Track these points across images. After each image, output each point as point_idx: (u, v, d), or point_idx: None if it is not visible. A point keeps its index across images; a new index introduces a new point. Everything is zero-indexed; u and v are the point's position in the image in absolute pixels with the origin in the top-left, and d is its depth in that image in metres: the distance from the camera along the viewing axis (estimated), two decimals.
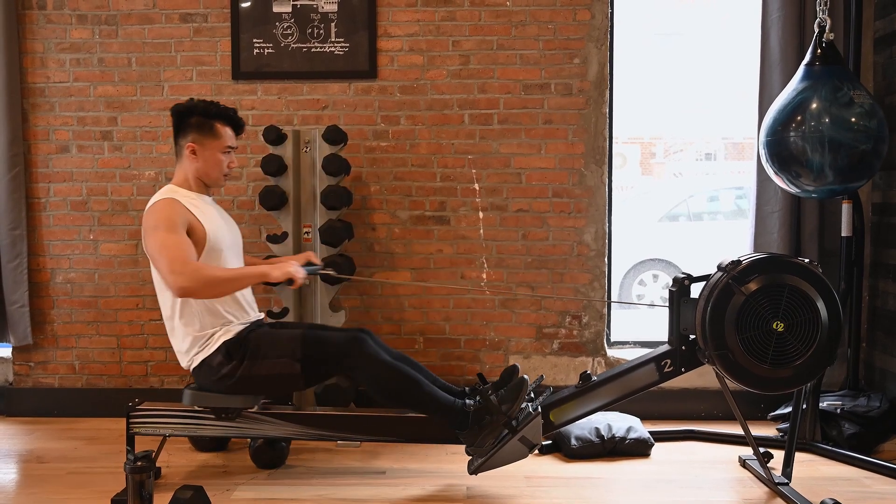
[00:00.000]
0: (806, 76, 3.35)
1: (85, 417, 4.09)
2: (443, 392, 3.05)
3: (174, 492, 2.76)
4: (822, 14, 3.33)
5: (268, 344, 3.02)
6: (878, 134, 3.25)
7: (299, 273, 3.07)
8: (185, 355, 3.06)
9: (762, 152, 3.44)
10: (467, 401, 3.03)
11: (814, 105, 3.26)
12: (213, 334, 3.01)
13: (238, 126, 3.19)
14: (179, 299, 2.98)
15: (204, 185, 3.16)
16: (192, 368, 3.07)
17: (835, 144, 3.21)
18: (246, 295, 3.19)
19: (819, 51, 3.34)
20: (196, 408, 3.09)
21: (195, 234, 2.99)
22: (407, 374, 3.00)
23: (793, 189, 3.42)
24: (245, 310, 3.14)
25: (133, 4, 4.04)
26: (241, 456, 3.52)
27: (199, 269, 2.89)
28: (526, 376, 3.01)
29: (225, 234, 3.13)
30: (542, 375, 3.25)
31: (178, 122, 3.12)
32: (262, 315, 3.30)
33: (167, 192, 3.07)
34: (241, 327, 3.07)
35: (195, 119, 3.09)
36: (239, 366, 2.98)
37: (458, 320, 4.07)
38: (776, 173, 3.41)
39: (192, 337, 3.01)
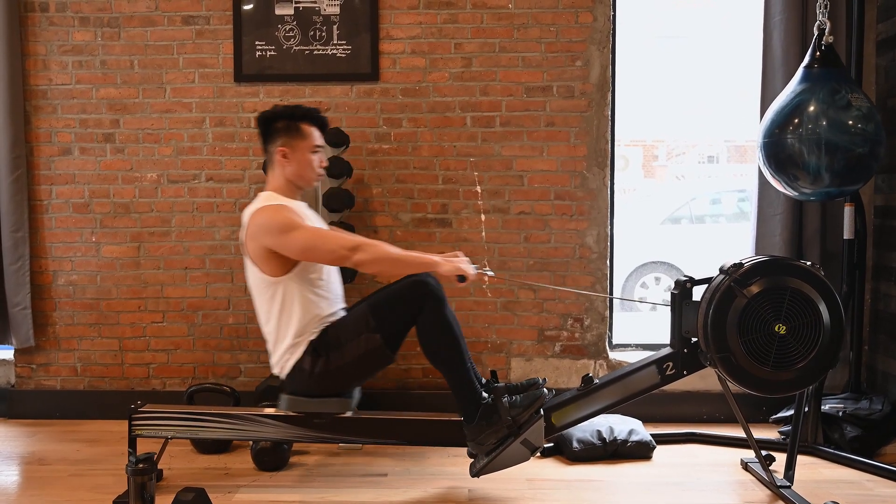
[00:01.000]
0: (804, 78, 3.35)
1: (87, 419, 4.09)
2: (475, 378, 3.03)
3: (176, 494, 2.77)
4: (822, 17, 3.33)
5: (342, 330, 3.00)
6: (875, 137, 3.25)
7: (470, 269, 3.05)
8: (279, 360, 3.05)
9: (759, 154, 3.44)
10: (484, 393, 3.02)
11: (811, 107, 3.26)
12: (304, 337, 3.00)
13: (323, 125, 3.18)
14: (275, 303, 2.98)
15: (296, 191, 3.13)
16: (284, 375, 3.05)
17: (832, 147, 3.21)
18: (339, 293, 3.19)
19: (818, 53, 3.34)
20: (187, 409, 3.09)
21: None
22: (457, 336, 2.98)
23: (790, 192, 3.42)
24: (335, 311, 3.13)
25: (135, 7, 4.05)
26: (242, 458, 3.52)
27: (370, 244, 2.97)
28: (546, 391, 3.01)
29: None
30: (544, 378, 3.24)
31: (265, 130, 3.10)
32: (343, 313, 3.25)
33: (269, 198, 3.04)
34: (323, 326, 3.05)
35: (282, 123, 3.08)
36: (327, 360, 2.97)
37: (459, 322, 4.04)
38: (773, 175, 3.41)
39: (290, 340, 3.00)
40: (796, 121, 3.27)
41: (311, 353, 2.98)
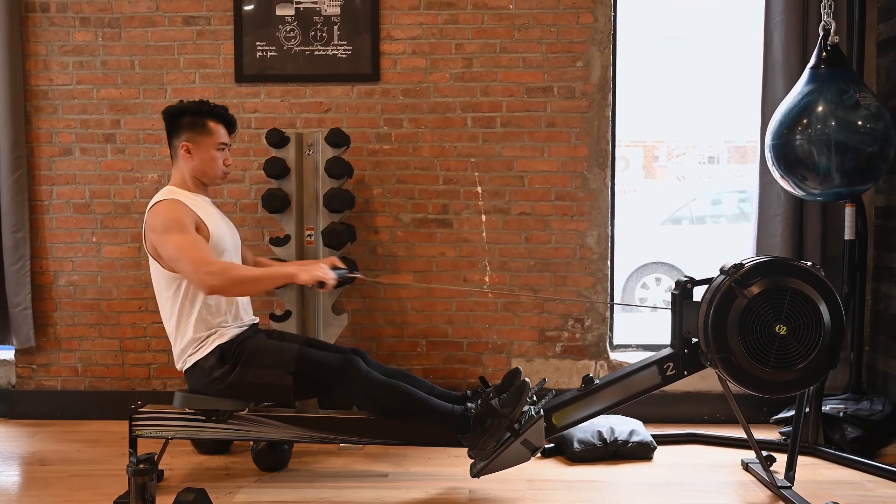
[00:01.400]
0: (811, 79, 3.34)
1: (87, 420, 4.09)
2: (439, 400, 3.05)
3: (176, 494, 2.77)
4: (827, 17, 3.33)
5: (262, 353, 3.03)
6: (885, 136, 3.24)
7: (329, 276, 3.06)
8: (180, 357, 3.07)
9: (768, 156, 3.44)
10: (469, 404, 3.03)
11: (820, 108, 3.26)
12: (208, 337, 3.02)
13: (230, 123, 3.22)
14: (178, 302, 3.00)
15: (202, 186, 3.18)
16: (184, 370, 3.08)
17: (841, 147, 3.20)
18: (242, 299, 3.19)
19: (824, 53, 3.34)
20: (186, 409, 3.10)
21: (200, 234, 3.00)
22: (401, 390, 3.00)
23: (799, 192, 3.41)
24: (241, 313, 3.15)
25: (136, 7, 4.05)
26: (243, 458, 3.52)
27: (228, 268, 2.95)
28: (527, 379, 3.01)
29: (226, 235, 3.15)
30: (544, 378, 3.24)
31: (170, 124, 3.15)
32: (257, 319, 3.30)
33: (168, 192, 3.08)
34: (237, 331, 3.08)
35: (187, 119, 3.12)
36: (231, 371, 2.99)
37: (460, 323, 4.07)
38: (782, 176, 3.40)
39: (188, 339, 3.02)
40: (805, 122, 3.27)
41: (217, 356, 3.01)
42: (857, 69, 3.67)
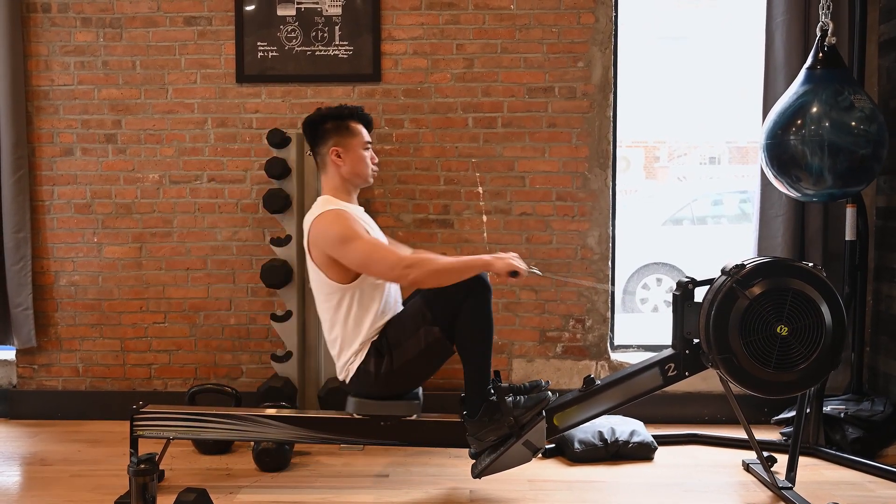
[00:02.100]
0: (807, 80, 3.35)
1: (88, 420, 4.09)
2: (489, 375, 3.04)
3: (177, 494, 2.77)
4: (825, 18, 3.33)
5: (401, 328, 3.00)
6: (878, 138, 3.25)
7: (522, 266, 3.03)
8: (343, 366, 3.04)
9: (762, 155, 3.44)
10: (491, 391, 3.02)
11: (814, 109, 3.26)
12: (368, 341, 3.00)
13: (368, 122, 3.18)
14: (342, 312, 2.98)
15: (353, 191, 3.13)
16: (348, 378, 3.05)
17: (834, 148, 3.21)
18: (398, 297, 3.17)
19: (821, 54, 3.34)
20: (189, 410, 3.09)
21: None
22: (492, 333, 3.00)
23: (793, 193, 3.42)
24: (398, 310, 3.13)
25: (137, 7, 4.05)
26: (244, 459, 3.52)
27: (426, 261, 2.92)
28: (550, 395, 3.01)
29: (384, 242, 3.14)
30: (547, 381, 3.24)
31: (313, 133, 3.09)
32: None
33: (328, 203, 3.04)
34: (380, 326, 3.05)
35: (331, 124, 3.08)
36: (391, 359, 2.96)
37: None
38: (776, 177, 3.41)
39: (356, 346, 3.00)
40: (799, 122, 3.28)
41: (374, 354, 2.98)
42: (857, 70, 3.68)
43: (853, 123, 3.22)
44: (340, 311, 2.99)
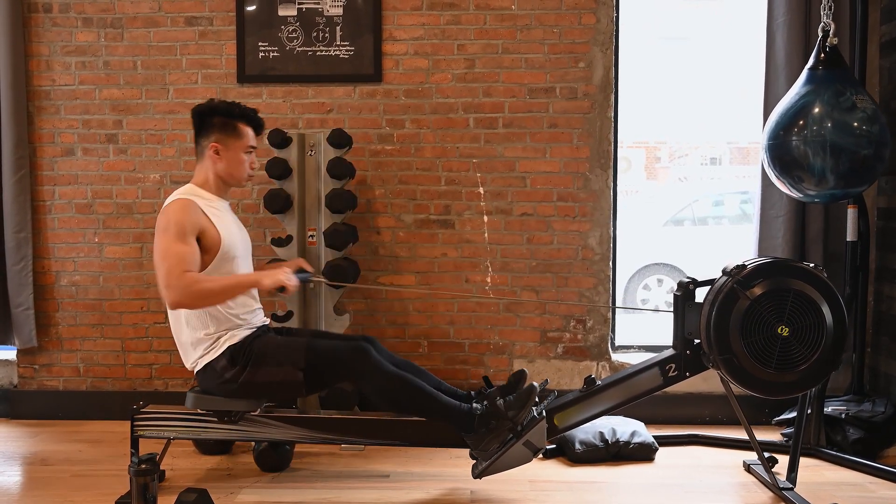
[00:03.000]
0: (809, 80, 3.35)
1: (89, 420, 4.09)
2: (447, 397, 3.04)
3: (178, 495, 2.77)
4: (826, 18, 3.33)
5: (271, 351, 3.02)
6: (880, 139, 3.25)
7: (291, 280, 3.06)
8: (190, 357, 3.07)
9: (764, 156, 3.44)
10: (474, 404, 3.03)
11: (816, 109, 3.26)
12: (219, 338, 3.01)
13: (259, 126, 3.20)
14: None
15: (224, 188, 3.17)
16: (195, 371, 3.07)
17: (836, 149, 3.21)
18: (253, 300, 3.19)
19: (822, 55, 3.34)
20: (199, 410, 3.09)
21: (208, 239, 2.99)
22: (411, 383, 3.00)
23: (794, 193, 3.42)
24: (252, 314, 3.15)
25: (138, 8, 4.05)
26: (245, 459, 3.52)
27: (193, 283, 2.88)
28: (535, 383, 3.01)
29: (238, 242, 3.14)
30: (546, 380, 3.24)
31: (199, 123, 3.13)
32: (268, 320, 3.30)
33: (187, 191, 3.08)
34: (247, 332, 3.07)
35: (218, 119, 3.11)
36: (242, 371, 2.98)
37: (462, 324, 4.06)
38: (778, 177, 3.41)
39: (198, 339, 3.02)
40: (801, 123, 3.27)
41: (227, 357, 3.00)
42: (859, 71, 3.68)
43: (855, 124, 3.22)
44: None
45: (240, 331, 3.05)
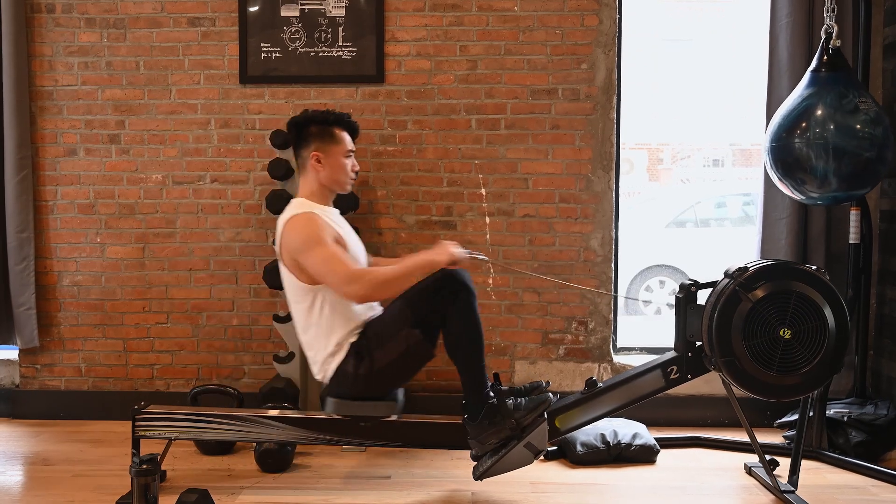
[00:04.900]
0: (812, 82, 3.34)
1: (91, 420, 4.09)
2: (487, 377, 3.03)
3: (179, 495, 2.77)
4: (829, 20, 3.32)
5: (381, 329, 3.00)
6: (883, 141, 3.24)
7: (462, 254, 3.03)
8: (321, 367, 3.04)
9: (767, 158, 3.44)
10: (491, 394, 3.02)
11: (819, 111, 3.25)
12: (344, 342, 3.00)
13: (354, 130, 3.18)
14: (314, 313, 2.98)
15: (329, 195, 3.14)
16: (326, 379, 3.04)
17: (839, 151, 3.20)
18: None
19: (825, 57, 3.33)
20: (190, 410, 3.09)
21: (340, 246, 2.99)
22: (482, 337, 2.99)
23: (797, 196, 3.41)
24: (373, 311, 3.13)
25: (141, 8, 4.06)
26: (246, 459, 3.52)
27: (370, 274, 2.90)
28: (552, 396, 3.01)
29: (358, 247, 3.15)
30: (547, 381, 3.24)
31: (297, 135, 3.10)
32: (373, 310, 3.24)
33: (301, 205, 3.04)
34: (361, 329, 3.05)
35: (314, 128, 3.08)
36: (370, 361, 2.96)
37: None
38: (780, 179, 3.40)
39: (331, 348, 2.99)
40: (804, 125, 3.27)
41: (353, 355, 2.97)
42: (862, 73, 3.67)
43: (858, 126, 3.21)
44: (313, 312, 2.99)
45: (358, 329, 3.03)
